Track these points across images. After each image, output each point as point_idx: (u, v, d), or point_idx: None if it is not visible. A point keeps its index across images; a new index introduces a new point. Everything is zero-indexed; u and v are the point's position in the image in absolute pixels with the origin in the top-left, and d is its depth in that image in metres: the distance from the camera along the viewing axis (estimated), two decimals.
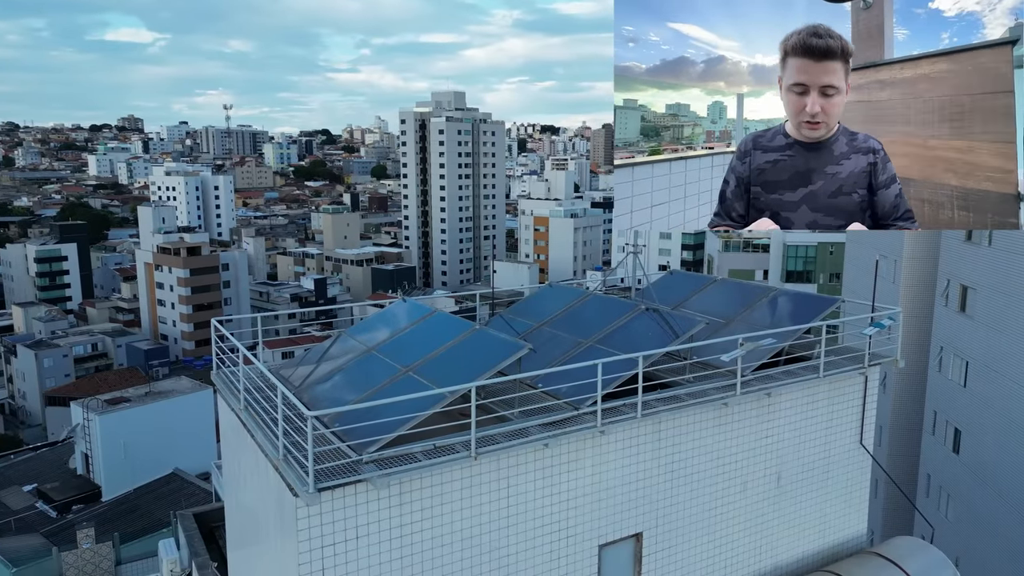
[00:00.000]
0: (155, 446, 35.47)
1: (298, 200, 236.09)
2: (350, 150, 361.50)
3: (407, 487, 7.43)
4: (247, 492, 9.14)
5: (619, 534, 8.99)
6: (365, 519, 7.25)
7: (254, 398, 8.57)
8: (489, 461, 7.83)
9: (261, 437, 7.88)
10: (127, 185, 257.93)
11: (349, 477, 6.99)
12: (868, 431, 11.18)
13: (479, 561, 8.05)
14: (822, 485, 10.88)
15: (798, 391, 10.21)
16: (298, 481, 6.83)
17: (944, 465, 33.35)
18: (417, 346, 9.15)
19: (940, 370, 34.20)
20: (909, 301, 38.57)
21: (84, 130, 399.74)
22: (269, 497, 7.84)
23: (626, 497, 8.96)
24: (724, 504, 9.90)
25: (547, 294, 12.27)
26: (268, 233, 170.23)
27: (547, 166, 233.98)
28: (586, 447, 8.51)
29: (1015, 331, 28.17)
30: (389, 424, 7.41)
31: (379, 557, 7.42)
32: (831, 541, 11.11)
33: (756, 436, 10.01)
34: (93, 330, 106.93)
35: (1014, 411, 27.90)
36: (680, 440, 9.30)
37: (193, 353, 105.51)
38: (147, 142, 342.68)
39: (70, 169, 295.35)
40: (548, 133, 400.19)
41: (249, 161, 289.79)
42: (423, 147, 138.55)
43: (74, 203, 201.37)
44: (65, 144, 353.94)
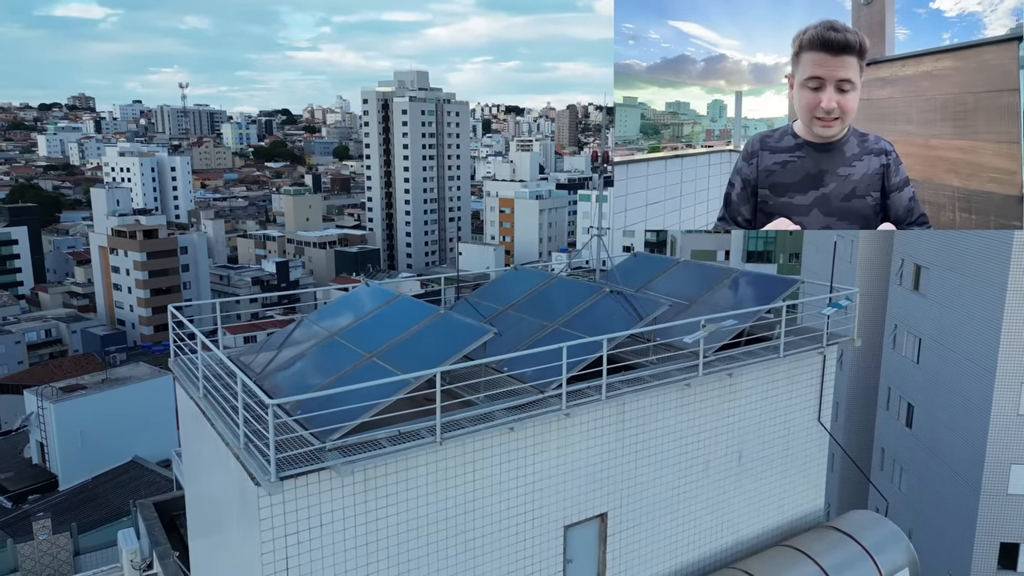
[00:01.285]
0: (113, 434, 34.66)
1: (258, 181, 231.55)
2: (311, 130, 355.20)
3: (372, 474, 7.38)
4: (208, 481, 8.99)
5: (584, 515, 9.08)
6: (329, 507, 7.18)
7: (213, 386, 8.40)
8: (455, 446, 7.82)
9: (221, 426, 7.73)
10: (79, 166, 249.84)
11: (312, 465, 6.91)
12: (826, 409, 11.46)
13: (445, 545, 8.06)
14: (781, 462, 11.13)
15: (758, 371, 10.39)
16: (260, 470, 6.72)
17: (897, 439, 34.44)
18: (381, 331, 9.06)
19: (894, 347, 35.19)
20: (865, 280, 39.54)
21: (33, 109, 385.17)
22: (231, 486, 7.71)
23: (591, 478, 9.04)
24: (687, 483, 10.06)
25: (512, 277, 12.25)
26: (228, 215, 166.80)
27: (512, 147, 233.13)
28: (551, 430, 8.55)
29: (965, 308, 29.09)
30: (353, 411, 7.33)
31: (344, 545, 7.37)
32: (790, 516, 11.40)
33: (718, 416, 10.17)
34: (46, 316, 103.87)
35: (964, 386, 28.91)
36: (644, 421, 9.40)
37: (151, 338, 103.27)
38: (99, 122, 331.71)
39: (19, 150, 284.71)
40: (513, 114, 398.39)
41: (207, 141, 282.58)
42: (386, 128, 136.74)
43: (24, 185, 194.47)
44: (13, 124, 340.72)
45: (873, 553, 10.85)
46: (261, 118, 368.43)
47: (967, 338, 28.83)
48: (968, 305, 28.96)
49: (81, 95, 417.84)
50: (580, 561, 9.18)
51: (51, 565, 16.60)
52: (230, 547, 8.24)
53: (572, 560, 9.10)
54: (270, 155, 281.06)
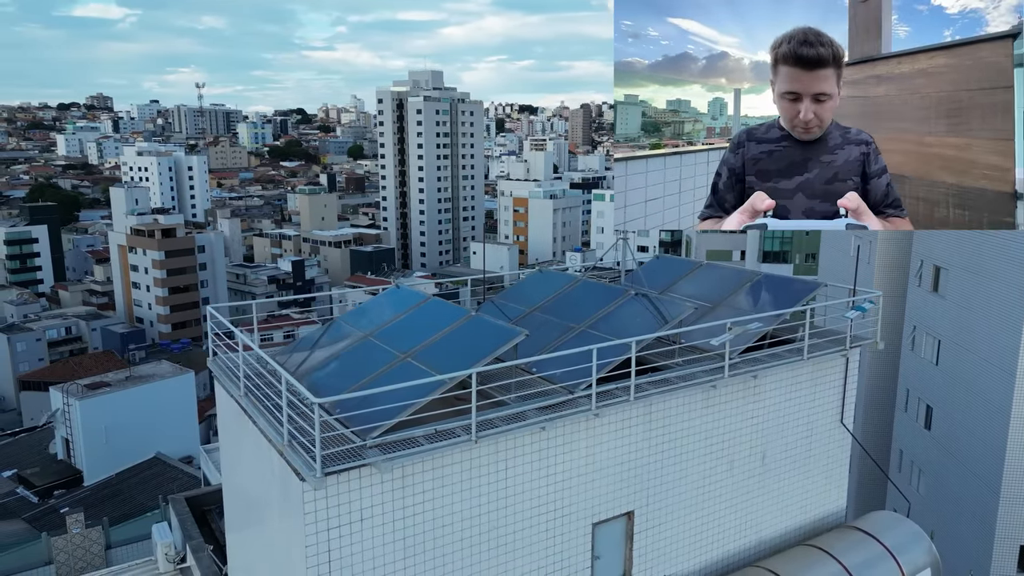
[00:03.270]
0: (136, 430, 35.26)
1: (273, 181, 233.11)
2: (326, 130, 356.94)
3: (409, 471, 7.63)
4: (248, 476, 9.28)
5: (611, 512, 9.29)
6: (369, 502, 7.45)
7: (255, 384, 8.69)
8: (488, 444, 8.06)
9: (264, 423, 8.02)
10: (97, 165, 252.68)
11: (354, 462, 7.17)
12: (848, 410, 11.59)
13: (478, 540, 8.30)
14: (804, 463, 11.28)
15: (783, 373, 10.55)
16: (304, 466, 6.99)
17: (916, 441, 34.32)
18: (414, 332, 9.31)
19: (913, 349, 35.06)
20: (884, 282, 39.42)
21: (52, 109, 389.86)
22: (273, 481, 8.00)
23: (618, 477, 9.25)
24: (712, 483, 10.25)
25: (537, 279, 12.47)
26: (243, 214, 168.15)
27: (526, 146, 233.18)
28: (580, 429, 8.77)
29: (983, 310, 28.97)
30: (391, 410, 7.59)
31: (382, 539, 7.63)
32: (812, 517, 11.55)
33: (742, 417, 10.35)
34: (67, 313, 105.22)
35: (982, 387, 28.78)
36: (670, 421, 9.60)
37: (169, 336, 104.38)
38: (117, 121, 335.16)
39: (38, 149, 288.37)
40: (527, 113, 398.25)
41: (223, 141, 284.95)
42: (401, 127, 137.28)
43: (43, 184, 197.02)
44: (32, 123, 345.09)
45: (895, 553, 10.97)
46: (276, 117, 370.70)
47: (986, 340, 28.69)
48: (987, 307, 28.83)
49: (99, 95, 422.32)
50: (607, 558, 9.40)
51: (83, 558, 17.04)
52: (271, 540, 8.52)
53: (600, 557, 9.32)
54: (285, 154, 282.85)
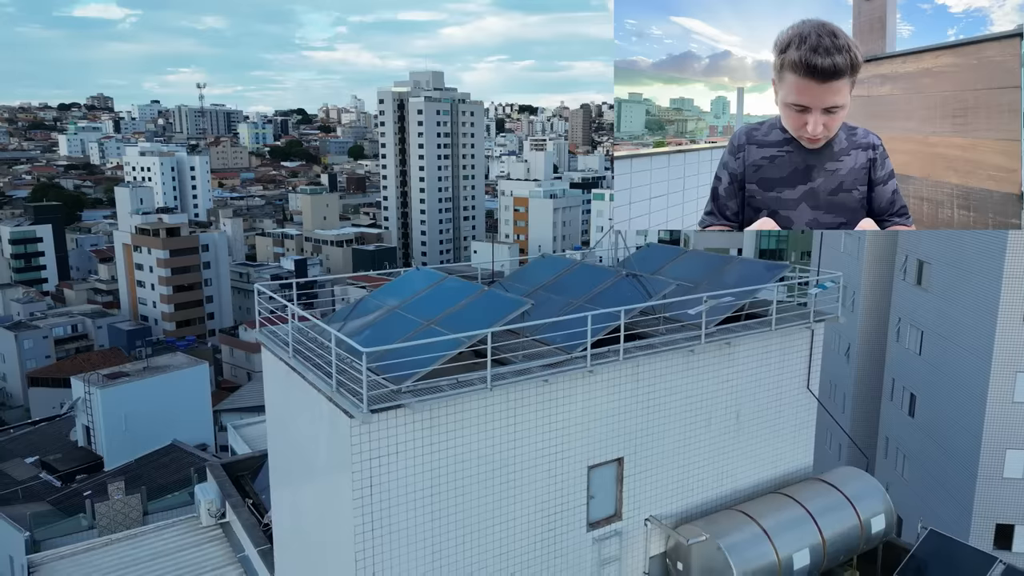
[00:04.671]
0: (154, 418, 36.81)
1: (274, 181, 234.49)
2: (326, 130, 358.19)
3: (436, 413, 9.22)
4: (296, 428, 10.86)
5: (604, 458, 10.88)
6: (403, 438, 9.04)
7: (303, 345, 10.29)
8: (500, 393, 9.65)
9: (313, 377, 9.60)
10: (99, 166, 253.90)
11: (392, 403, 8.75)
12: (814, 378, 13.17)
13: (491, 476, 9.89)
14: (775, 423, 12.87)
15: (754, 342, 12.13)
16: (352, 406, 8.57)
17: (901, 428, 35.89)
18: (436, 304, 10.89)
19: (898, 340, 36.63)
20: (872, 276, 41.02)
21: (52, 109, 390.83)
22: (321, 425, 9.58)
23: (610, 426, 10.84)
24: (691, 436, 11.83)
25: (540, 264, 14.05)
26: (245, 214, 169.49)
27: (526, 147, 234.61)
28: (577, 384, 10.36)
29: (964, 302, 30.56)
30: (422, 361, 9.18)
31: (412, 469, 9.22)
32: (782, 471, 13.13)
33: (719, 379, 11.93)
34: (72, 311, 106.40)
35: (963, 376, 30.37)
36: (654, 381, 11.18)
37: (175, 334, 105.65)
38: (118, 121, 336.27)
39: (40, 149, 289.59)
40: (527, 113, 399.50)
41: (224, 141, 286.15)
42: (402, 127, 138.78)
43: (46, 184, 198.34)
44: (33, 123, 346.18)
45: (854, 501, 12.55)
46: (277, 118, 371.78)
47: (966, 330, 30.28)
48: (967, 299, 30.42)
49: (100, 95, 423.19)
50: (600, 497, 10.98)
51: (123, 523, 18.59)
52: (318, 478, 10.10)
53: (594, 496, 10.90)
54: (286, 155, 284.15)
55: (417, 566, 9.48)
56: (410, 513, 9.30)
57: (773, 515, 11.80)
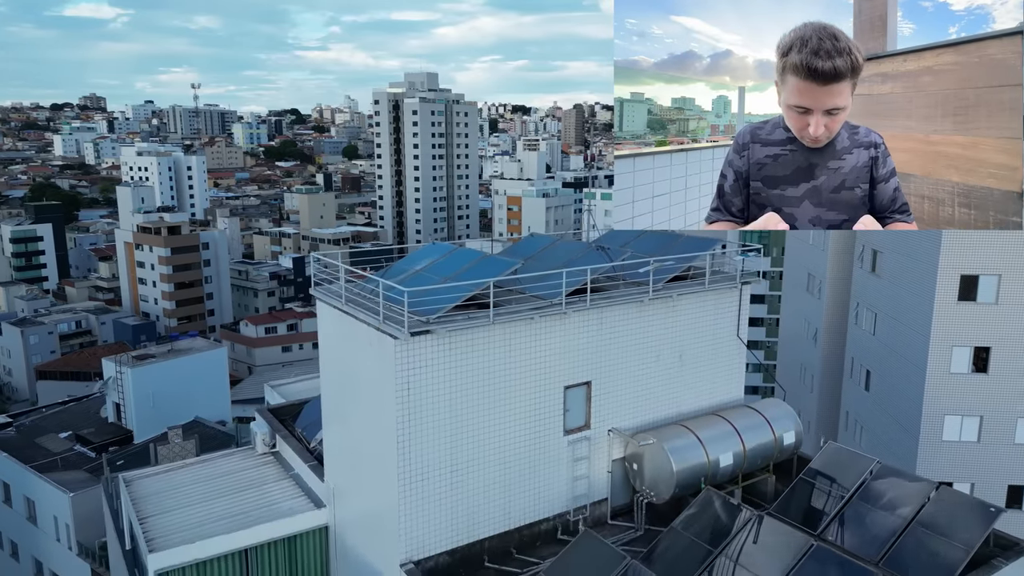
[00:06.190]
0: (177, 396, 40.27)
1: (269, 180, 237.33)
2: (320, 130, 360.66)
3: (454, 338, 12.89)
4: (348, 355, 14.48)
5: (576, 380, 14.57)
6: (430, 355, 12.70)
7: (353, 295, 13.97)
8: (499, 326, 13.33)
9: (363, 315, 13.25)
10: (94, 166, 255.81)
11: (423, 328, 12.41)
12: (743, 327, 16.87)
13: (491, 388, 13.56)
14: (711, 362, 16.57)
15: (693, 297, 15.85)
16: (397, 331, 12.22)
17: (858, 402, 39.69)
18: (449, 266, 14.56)
19: (856, 322, 40.44)
20: (836, 266, 45.00)
21: (45, 109, 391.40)
22: (369, 350, 13.20)
23: (581, 357, 14.53)
24: (644, 369, 15.51)
25: (528, 240, 17.74)
26: (241, 213, 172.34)
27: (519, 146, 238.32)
28: (555, 323, 14.04)
29: (909, 285, 34.37)
30: (445, 300, 12.86)
31: (437, 379, 12.89)
32: (718, 400, 16.85)
33: (664, 326, 15.63)
34: (76, 308, 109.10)
35: (908, 351, 34.16)
36: (614, 324, 14.87)
37: (177, 329, 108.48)
38: (112, 121, 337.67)
39: (35, 149, 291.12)
40: (520, 113, 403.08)
41: (219, 141, 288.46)
42: (397, 128, 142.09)
43: (42, 184, 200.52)
44: (27, 123, 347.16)
45: (771, 421, 16.27)
46: (271, 118, 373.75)
47: (910, 310, 34.09)
48: (912, 282, 34.24)
49: (92, 95, 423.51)
50: (574, 411, 14.68)
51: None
52: (366, 390, 13.72)
53: (569, 410, 14.59)
54: (280, 155, 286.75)
55: (438, 452, 13.16)
56: (435, 411, 12.98)
57: (707, 429, 15.49)
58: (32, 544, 35.94)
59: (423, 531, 13.08)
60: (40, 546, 35.27)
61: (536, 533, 14.37)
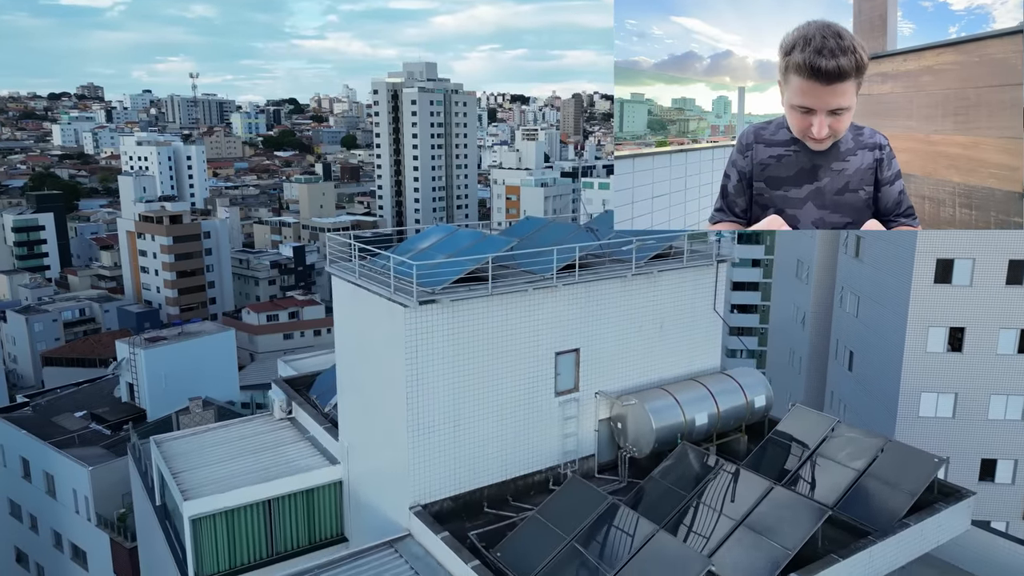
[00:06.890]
0: (188, 377, 41.97)
1: (268, 170, 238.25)
2: (319, 119, 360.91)
3: (457, 307, 14.53)
4: (361, 325, 16.10)
5: (566, 347, 16.21)
6: (437, 322, 14.34)
7: (365, 270, 15.57)
8: (497, 298, 14.97)
9: (375, 287, 14.87)
10: (94, 155, 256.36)
11: (430, 298, 14.04)
12: (719, 302, 18.52)
13: (490, 352, 15.20)
14: (689, 333, 18.22)
15: (672, 273, 17.48)
16: (406, 300, 13.85)
17: (842, 382, 41.43)
18: (452, 244, 16.17)
19: (841, 306, 42.12)
20: (823, 254, 46.67)
21: (42, 99, 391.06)
22: (381, 317, 14.83)
23: (570, 326, 16.17)
24: (627, 338, 17.16)
25: (524, 222, 19.36)
26: (240, 203, 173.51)
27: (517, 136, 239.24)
28: (547, 295, 15.67)
29: (889, 269, 36.01)
30: (448, 274, 14.48)
31: (442, 343, 14.54)
32: (696, 367, 18.51)
33: (647, 299, 17.26)
34: (79, 296, 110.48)
35: (888, 332, 35.85)
36: (601, 297, 16.50)
37: (179, 317, 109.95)
38: (110, 111, 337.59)
39: (33, 139, 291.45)
40: (518, 103, 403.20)
41: (217, 131, 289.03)
42: (396, 117, 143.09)
43: (42, 173, 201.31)
44: (25, 113, 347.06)
45: (744, 387, 17.94)
46: (269, 107, 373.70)
47: (890, 293, 35.77)
48: (891, 266, 35.90)
49: (90, 84, 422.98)
50: (564, 375, 16.33)
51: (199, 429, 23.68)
52: (379, 353, 15.35)
53: (560, 374, 16.24)
54: (279, 144, 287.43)
55: (443, 409, 14.82)
56: (440, 372, 14.62)
57: (684, 392, 17.17)
58: (51, 517, 37.70)
59: (429, 478, 14.78)
60: (59, 518, 37.04)
61: (530, 483, 16.07)
